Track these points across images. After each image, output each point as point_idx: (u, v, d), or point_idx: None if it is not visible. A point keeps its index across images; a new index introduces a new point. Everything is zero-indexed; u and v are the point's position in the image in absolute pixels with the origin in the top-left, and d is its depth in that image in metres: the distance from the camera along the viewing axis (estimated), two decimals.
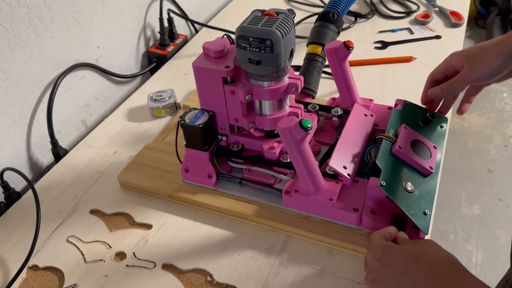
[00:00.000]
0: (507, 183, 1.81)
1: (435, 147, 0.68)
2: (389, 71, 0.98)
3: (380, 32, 1.11)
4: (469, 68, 0.63)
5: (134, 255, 0.65)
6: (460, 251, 1.58)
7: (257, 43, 0.58)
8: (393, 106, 0.75)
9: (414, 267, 0.48)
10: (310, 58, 0.81)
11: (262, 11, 0.61)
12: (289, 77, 0.65)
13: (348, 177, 0.64)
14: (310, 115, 0.74)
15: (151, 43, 1.08)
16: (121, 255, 0.66)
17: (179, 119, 0.68)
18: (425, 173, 0.64)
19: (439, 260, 0.48)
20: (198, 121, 0.67)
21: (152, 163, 0.77)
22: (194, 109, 0.69)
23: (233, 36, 0.64)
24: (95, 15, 0.90)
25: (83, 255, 0.66)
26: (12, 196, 0.76)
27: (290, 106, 0.69)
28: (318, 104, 0.78)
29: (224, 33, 0.70)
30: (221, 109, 0.68)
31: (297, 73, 0.80)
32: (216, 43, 0.67)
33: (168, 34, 1.09)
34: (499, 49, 0.60)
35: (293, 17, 0.62)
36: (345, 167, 0.64)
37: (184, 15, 1.15)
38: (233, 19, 1.22)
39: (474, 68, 0.62)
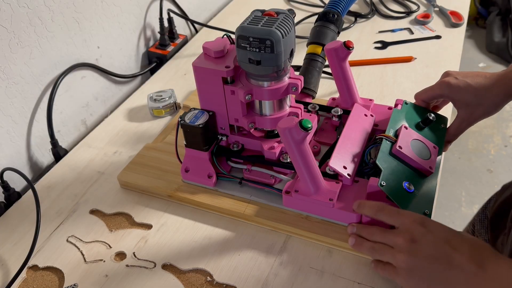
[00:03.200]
0: None
1: (435, 147, 0.68)
2: (389, 71, 0.98)
3: (380, 32, 1.11)
4: (472, 114, 0.68)
5: (134, 255, 0.65)
6: None
7: (257, 43, 0.58)
8: (393, 106, 0.75)
9: (455, 238, 0.49)
10: (310, 58, 0.81)
11: (262, 11, 0.61)
12: (289, 77, 0.65)
13: (348, 177, 0.64)
14: (310, 115, 0.74)
15: (151, 43, 1.08)
16: (121, 255, 0.66)
17: (179, 119, 0.68)
18: (425, 173, 0.64)
19: (479, 241, 0.49)
20: (198, 121, 0.67)
21: (152, 163, 0.77)
22: (194, 109, 0.69)
23: (233, 36, 0.64)
24: (95, 15, 0.90)
25: (83, 255, 0.66)
26: (12, 196, 0.76)
27: (290, 106, 0.69)
28: (318, 104, 0.78)
29: (224, 33, 0.70)
30: (221, 109, 0.68)
31: (297, 73, 0.80)
32: (216, 43, 0.67)
33: (168, 34, 1.09)
34: (497, 93, 0.65)
35: (293, 17, 0.62)
36: (345, 167, 0.64)
37: (184, 15, 1.15)
38: (233, 19, 1.22)
39: (475, 114, 0.68)
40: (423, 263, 0.49)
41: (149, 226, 0.69)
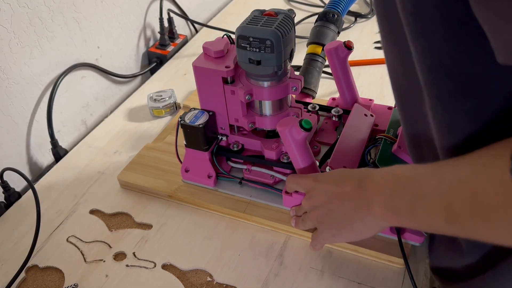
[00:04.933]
0: None
1: None
2: None
3: None
4: None
5: (134, 255, 0.65)
6: None
7: (257, 43, 0.58)
8: (393, 106, 0.75)
9: (339, 177, 0.53)
10: (310, 58, 0.81)
11: (262, 11, 0.61)
12: (289, 77, 0.65)
13: None
14: (310, 115, 0.74)
15: (151, 43, 1.08)
16: (121, 255, 0.66)
17: (179, 119, 0.68)
18: None
19: (359, 171, 0.52)
20: (198, 121, 0.67)
21: (152, 163, 0.77)
22: (194, 109, 0.69)
23: (233, 36, 0.64)
24: (95, 15, 0.90)
25: (83, 255, 0.66)
26: (12, 196, 0.76)
27: (290, 106, 0.69)
28: (318, 104, 0.78)
29: (224, 33, 0.70)
30: (221, 109, 0.68)
31: (297, 73, 0.80)
32: (216, 43, 0.67)
33: (168, 34, 1.09)
34: None
35: (293, 17, 0.62)
36: (345, 167, 0.64)
37: (184, 15, 1.15)
38: (233, 19, 1.22)
39: None
40: (322, 210, 0.54)
41: (149, 226, 0.69)
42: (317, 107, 0.77)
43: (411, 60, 0.39)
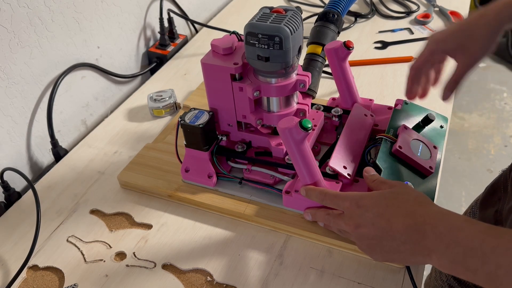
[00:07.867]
0: None
1: (435, 147, 0.68)
2: (389, 71, 0.98)
3: (380, 32, 1.11)
4: (468, 54, 0.62)
5: (134, 255, 0.65)
6: None
7: (266, 39, 0.59)
8: (393, 106, 0.75)
9: (387, 210, 0.51)
10: (310, 58, 0.81)
11: (271, 8, 0.62)
12: (297, 74, 0.65)
13: (348, 177, 0.64)
14: (317, 112, 0.75)
15: (151, 43, 1.08)
16: (121, 255, 0.66)
17: (179, 119, 0.68)
18: (425, 173, 0.64)
19: (409, 199, 0.52)
20: (198, 121, 0.67)
21: (152, 163, 0.77)
22: (194, 109, 0.70)
23: (240, 32, 0.64)
24: (95, 15, 0.90)
25: (83, 255, 0.66)
26: (12, 196, 0.76)
27: (298, 103, 0.69)
28: (318, 104, 0.78)
29: (233, 30, 0.70)
30: (229, 106, 0.68)
31: None
32: (224, 40, 0.67)
33: (168, 34, 1.09)
34: (488, 26, 0.60)
35: (301, 15, 0.62)
36: (345, 167, 0.64)
37: (184, 15, 1.15)
38: (233, 19, 1.22)
39: (472, 52, 0.62)
40: (372, 242, 0.53)
41: (149, 226, 0.69)
42: (322, 108, 0.77)
43: None
